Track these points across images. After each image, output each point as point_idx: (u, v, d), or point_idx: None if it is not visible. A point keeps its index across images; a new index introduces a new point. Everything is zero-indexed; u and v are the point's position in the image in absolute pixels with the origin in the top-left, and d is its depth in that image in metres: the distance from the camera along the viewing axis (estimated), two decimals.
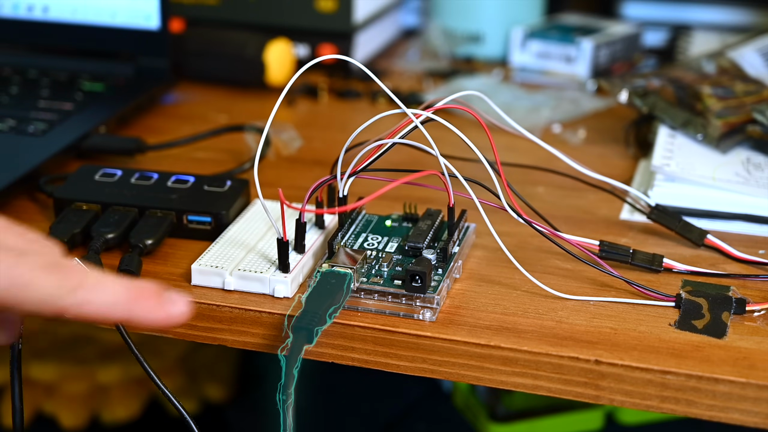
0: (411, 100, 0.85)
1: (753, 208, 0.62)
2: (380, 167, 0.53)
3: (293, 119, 0.83)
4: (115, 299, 0.41)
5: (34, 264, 0.40)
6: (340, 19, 0.94)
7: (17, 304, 0.39)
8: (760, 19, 1.03)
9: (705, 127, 0.69)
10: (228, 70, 0.89)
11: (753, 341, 0.49)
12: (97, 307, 0.41)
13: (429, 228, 0.55)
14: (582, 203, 0.65)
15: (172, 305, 0.42)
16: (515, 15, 1.00)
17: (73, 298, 0.40)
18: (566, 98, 0.87)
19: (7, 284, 0.39)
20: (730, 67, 0.81)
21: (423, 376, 0.50)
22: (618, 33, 0.97)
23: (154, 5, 0.83)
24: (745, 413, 0.46)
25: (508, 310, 0.52)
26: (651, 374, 0.47)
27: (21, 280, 0.39)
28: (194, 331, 0.53)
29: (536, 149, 0.60)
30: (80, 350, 1.09)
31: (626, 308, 0.52)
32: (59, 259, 0.41)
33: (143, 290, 0.42)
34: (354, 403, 1.04)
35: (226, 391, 1.11)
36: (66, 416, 1.07)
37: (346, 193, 0.54)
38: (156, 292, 0.42)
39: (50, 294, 0.40)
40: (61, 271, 0.40)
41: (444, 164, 0.51)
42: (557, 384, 0.48)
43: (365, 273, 0.53)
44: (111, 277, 0.41)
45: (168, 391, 0.51)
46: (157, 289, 0.43)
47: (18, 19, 0.86)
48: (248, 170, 0.69)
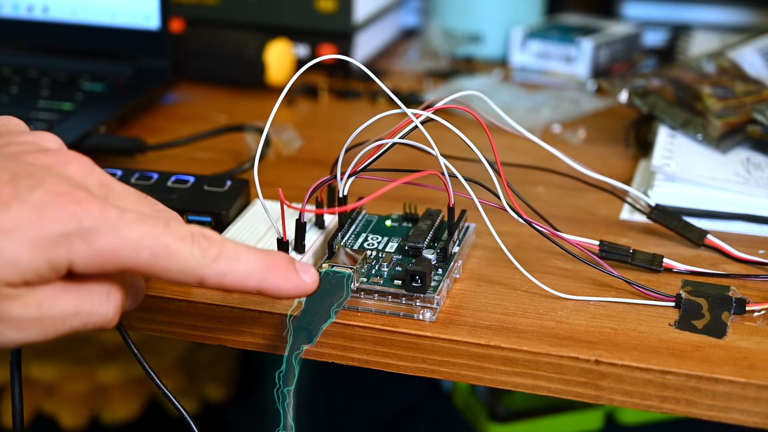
0: (411, 100, 0.85)
1: (753, 208, 0.62)
2: (380, 167, 0.53)
3: (293, 119, 0.83)
4: (251, 269, 0.43)
5: (179, 234, 0.41)
6: (340, 19, 0.94)
7: (162, 273, 0.41)
8: (760, 19, 1.03)
9: (705, 127, 0.69)
10: (228, 70, 0.89)
11: (753, 341, 0.49)
12: (234, 277, 0.42)
13: (429, 228, 0.55)
14: (582, 203, 0.65)
15: (301, 275, 0.45)
16: (515, 15, 1.00)
17: (214, 268, 0.42)
18: (566, 98, 0.87)
19: (154, 253, 0.40)
20: (730, 67, 0.81)
21: (423, 376, 0.50)
22: (618, 33, 0.97)
23: (154, 5, 0.83)
24: (745, 413, 0.46)
25: (508, 310, 0.52)
26: (651, 374, 0.47)
27: (168, 249, 0.40)
28: (194, 331, 0.53)
29: (536, 149, 0.60)
30: (80, 350, 1.09)
31: (626, 308, 0.52)
32: (200, 229, 0.42)
33: (276, 260, 0.44)
34: (354, 403, 1.04)
35: (226, 391, 1.11)
36: (66, 416, 1.07)
37: (346, 193, 0.54)
38: (287, 262, 0.44)
39: (194, 263, 0.41)
40: (204, 241, 0.42)
41: (444, 164, 0.51)
42: (557, 384, 0.48)
43: (365, 273, 0.53)
44: (246, 248, 0.43)
45: (168, 391, 0.51)
46: (288, 259, 0.45)
47: (18, 19, 0.86)
48: (248, 170, 0.69)
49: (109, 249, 0.40)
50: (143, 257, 0.40)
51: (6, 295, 0.39)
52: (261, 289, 0.44)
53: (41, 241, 0.39)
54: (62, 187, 0.40)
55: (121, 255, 0.40)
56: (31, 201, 0.39)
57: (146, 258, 0.40)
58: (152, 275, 0.41)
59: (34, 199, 0.39)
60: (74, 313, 0.41)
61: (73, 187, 0.40)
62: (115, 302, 0.42)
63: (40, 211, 0.39)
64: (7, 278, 0.38)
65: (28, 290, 0.39)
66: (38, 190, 0.39)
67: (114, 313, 0.42)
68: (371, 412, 1.04)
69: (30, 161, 0.41)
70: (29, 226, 0.38)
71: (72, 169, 0.42)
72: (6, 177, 0.39)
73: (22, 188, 0.39)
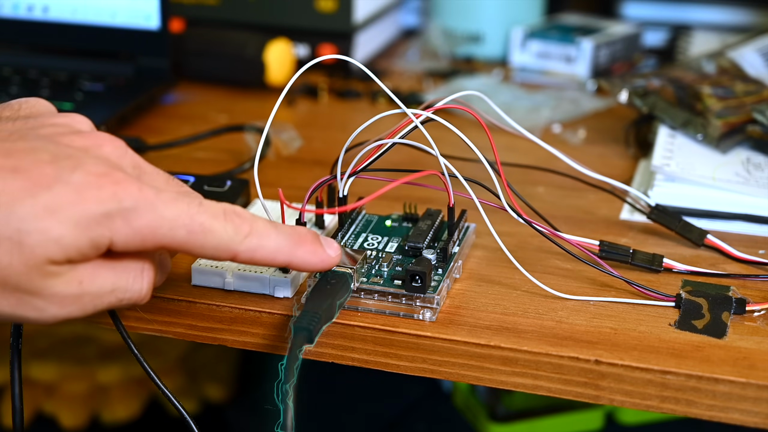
0: (411, 100, 0.85)
1: (753, 208, 0.62)
2: (380, 167, 0.53)
3: (293, 119, 0.83)
4: (281, 244, 0.45)
5: (213, 211, 0.43)
6: (340, 19, 0.94)
7: (197, 249, 0.43)
8: (760, 19, 1.03)
9: (705, 127, 0.69)
10: (228, 70, 0.89)
11: (753, 341, 0.49)
12: (265, 253, 0.44)
13: (429, 228, 0.55)
14: (582, 203, 0.65)
15: (326, 249, 0.47)
16: (515, 15, 1.00)
17: (246, 244, 0.44)
18: (566, 98, 0.87)
19: (190, 231, 0.42)
20: (730, 67, 0.81)
21: (423, 376, 0.50)
22: (618, 33, 0.97)
23: (154, 5, 0.83)
24: (745, 413, 0.46)
25: (508, 310, 0.52)
26: (651, 374, 0.47)
27: (203, 227, 0.42)
28: (194, 331, 0.53)
29: (536, 149, 0.60)
30: (80, 350, 1.09)
31: (626, 308, 0.52)
32: (231, 207, 0.44)
33: (303, 236, 0.46)
34: (354, 403, 1.04)
35: (226, 391, 1.11)
36: (66, 416, 1.07)
37: (346, 193, 0.54)
38: (314, 237, 0.47)
39: (228, 240, 0.43)
40: (236, 218, 0.44)
41: (444, 164, 0.51)
42: (557, 384, 0.48)
43: (365, 273, 0.53)
44: (276, 224, 0.45)
45: (168, 391, 0.51)
46: (315, 235, 0.47)
47: (18, 19, 0.86)
48: (248, 170, 0.69)
49: (149, 227, 0.41)
50: (179, 235, 0.42)
51: (49, 273, 0.40)
52: (289, 263, 0.46)
53: (84, 221, 0.40)
54: (101, 168, 0.41)
55: (159, 233, 0.42)
56: (73, 182, 0.40)
57: (182, 236, 0.42)
58: (187, 252, 0.43)
59: (76, 180, 0.40)
60: (112, 289, 0.43)
61: (111, 168, 0.42)
62: (149, 278, 0.44)
63: (81, 192, 0.40)
64: (52, 256, 0.40)
65: (69, 267, 0.41)
66: (79, 171, 0.41)
67: (147, 289, 0.44)
68: (371, 412, 1.04)
69: (67, 143, 0.42)
70: (72, 206, 0.40)
71: (107, 150, 0.43)
72: (47, 158, 0.41)
73: (64, 169, 0.41)
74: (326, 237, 0.48)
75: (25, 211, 0.39)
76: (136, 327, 0.53)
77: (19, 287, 0.40)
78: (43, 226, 0.39)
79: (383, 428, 1.02)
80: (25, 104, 0.46)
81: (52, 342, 1.09)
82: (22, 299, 0.41)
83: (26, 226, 0.39)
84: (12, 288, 0.40)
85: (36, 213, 0.39)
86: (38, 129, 0.43)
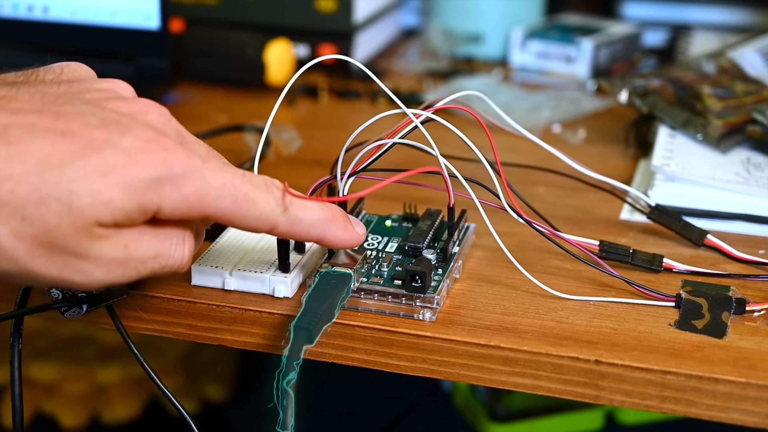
0: (411, 100, 0.85)
1: (753, 208, 0.62)
2: (380, 167, 0.53)
3: (293, 119, 0.83)
4: (316, 219, 0.46)
5: (257, 182, 0.44)
6: (340, 19, 0.94)
7: (239, 219, 0.44)
8: (760, 19, 1.03)
9: (705, 127, 0.69)
10: (228, 70, 0.89)
11: (753, 341, 0.49)
12: (302, 226, 0.46)
13: (429, 228, 0.55)
14: (582, 203, 0.65)
15: (355, 227, 0.49)
16: (515, 15, 1.00)
17: (287, 216, 0.45)
18: (566, 98, 0.87)
19: (235, 200, 0.43)
20: (730, 67, 0.81)
21: (423, 376, 0.50)
22: (618, 33, 0.97)
23: (154, 5, 0.83)
24: (745, 413, 0.46)
25: (508, 310, 0.52)
26: (651, 374, 0.47)
27: (247, 197, 0.43)
28: (194, 331, 0.53)
29: (536, 149, 0.60)
30: (80, 350, 1.09)
31: (626, 308, 0.52)
32: (271, 179, 0.45)
33: (335, 213, 0.47)
34: (354, 403, 1.04)
35: (226, 391, 1.11)
36: (66, 416, 1.07)
37: (346, 193, 0.54)
38: (344, 215, 0.48)
39: (270, 211, 0.44)
40: (277, 191, 0.45)
41: (444, 164, 0.51)
42: (557, 384, 0.48)
43: (365, 273, 0.53)
44: (311, 199, 0.46)
45: (168, 391, 0.51)
46: (344, 212, 0.49)
47: (18, 19, 0.86)
48: (248, 170, 0.69)
49: (196, 194, 0.42)
50: (224, 204, 0.43)
51: (97, 235, 0.40)
52: (322, 238, 0.47)
53: (135, 185, 0.40)
54: (149, 134, 0.41)
55: (206, 201, 0.42)
56: (123, 146, 0.40)
57: (227, 205, 0.43)
58: (229, 222, 0.44)
59: (125, 144, 0.41)
60: (155, 255, 0.43)
61: (158, 134, 0.42)
62: (189, 247, 0.44)
63: (131, 156, 0.40)
64: (100, 218, 0.40)
65: (116, 231, 0.41)
66: (128, 136, 0.41)
67: (188, 257, 0.45)
68: (371, 412, 1.04)
69: (113, 108, 0.43)
70: (123, 170, 0.40)
71: (153, 117, 0.43)
72: (96, 122, 0.41)
73: (113, 134, 0.41)
74: (353, 216, 0.50)
75: (75, 173, 0.39)
76: (136, 327, 0.53)
77: (67, 249, 0.40)
78: (94, 188, 0.39)
79: (383, 428, 1.02)
80: (66, 68, 0.47)
81: (52, 342, 1.09)
82: (70, 262, 0.40)
83: (77, 187, 0.39)
84: (60, 250, 0.40)
85: (87, 175, 0.39)
86: (83, 93, 0.43)
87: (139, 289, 0.53)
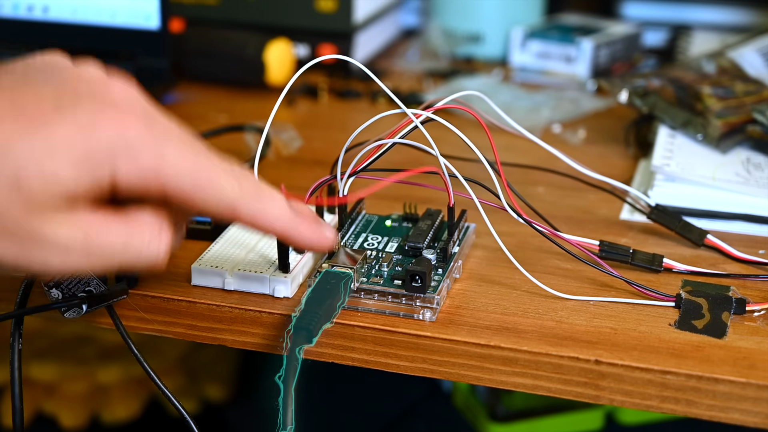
0: (411, 100, 0.85)
1: (753, 208, 0.62)
2: (380, 167, 0.53)
3: (293, 119, 0.83)
4: (282, 213, 0.44)
5: (222, 167, 0.42)
6: (340, 19, 0.95)
7: (200, 202, 0.41)
8: (760, 19, 1.03)
9: (705, 127, 0.69)
10: (228, 70, 0.89)
11: (753, 341, 0.49)
12: (267, 218, 0.44)
13: (429, 228, 0.55)
14: (582, 203, 0.65)
15: (324, 230, 0.47)
16: (515, 15, 1.00)
17: (251, 205, 0.43)
18: (566, 98, 0.87)
19: (195, 180, 0.41)
20: (730, 67, 0.81)
21: (423, 376, 0.50)
22: (618, 33, 0.97)
23: (154, 5, 0.83)
24: (745, 413, 0.46)
25: (508, 310, 0.52)
26: (651, 374, 0.47)
27: (209, 180, 0.41)
28: (194, 331, 0.53)
29: (536, 149, 0.60)
30: (80, 350, 1.09)
31: (626, 308, 0.52)
32: (239, 167, 0.43)
33: (304, 211, 0.46)
34: (354, 403, 1.04)
35: (226, 391, 1.11)
36: (66, 416, 1.07)
37: (346, 193, 0.54)
38: (314, 216, 0.47)
39: (233, 197, 0.42)
40: (242, 178, 0.43)
41: (444, 164, 0.51)
42: (557, 384, 0.48)
43: (365, 273, 0.53)
44: (279, 192, 0.45)
45: (168, 391, 0.51)
46: (315, 214, 0.47)
47: (18, 19, 0.86)
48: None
49: (153, 169, 0.40)
50: (185, 184, 0.41)
51: (50, 217, 0.39)
52: (287, 235, 0.45)
53: (84, 156, 0.39)
54: (106, 107, 0.40)
55: (163, 177, 0.40)
56: (75, 119, 0.39)
57: (187, 185, 0.41)
58: (191, 205, 0.41)
59: (78, 117, 0.39)
60: (124, 245, 0.41)
61: (116, 107, 0.40)
62: (166, 239, 0.42)
63: (83, 128, 0.39)
64: (51, 194, 0.38)
65: (73, 213, 0.39)
66: (81, 108, 0.39)
67: (164, 251, 0.42)
68: (371, 412, 1.04)
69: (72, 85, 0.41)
70: (73, 142, 0.39)
71: (115, 91, 0.42)
72: (50, 94, 0.40)
73: (66, 108, 0.39)
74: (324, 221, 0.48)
75: (23, 150, 0.38)
76: (136, 327, 0.53)
77: (20, 233, 0.38)
78: (42, 162, 0.38)
79: (383, 428, 1.02)
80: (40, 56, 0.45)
81: (52, 342, 1.09)
82: (25, 247, 0.39)
83: (24, 164, 0.38)
84: (12, 233, 0.38)
85: (34, 150, 0.38)
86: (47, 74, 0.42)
87: (139, 289, 0.53)
